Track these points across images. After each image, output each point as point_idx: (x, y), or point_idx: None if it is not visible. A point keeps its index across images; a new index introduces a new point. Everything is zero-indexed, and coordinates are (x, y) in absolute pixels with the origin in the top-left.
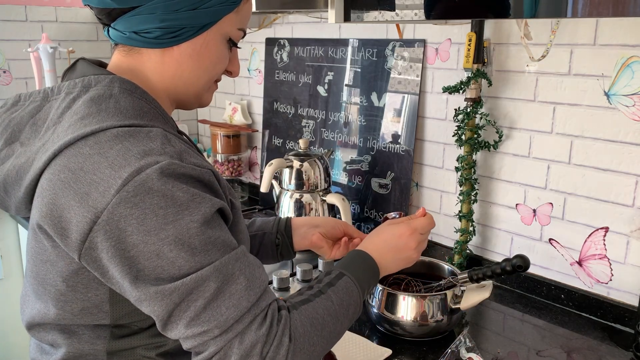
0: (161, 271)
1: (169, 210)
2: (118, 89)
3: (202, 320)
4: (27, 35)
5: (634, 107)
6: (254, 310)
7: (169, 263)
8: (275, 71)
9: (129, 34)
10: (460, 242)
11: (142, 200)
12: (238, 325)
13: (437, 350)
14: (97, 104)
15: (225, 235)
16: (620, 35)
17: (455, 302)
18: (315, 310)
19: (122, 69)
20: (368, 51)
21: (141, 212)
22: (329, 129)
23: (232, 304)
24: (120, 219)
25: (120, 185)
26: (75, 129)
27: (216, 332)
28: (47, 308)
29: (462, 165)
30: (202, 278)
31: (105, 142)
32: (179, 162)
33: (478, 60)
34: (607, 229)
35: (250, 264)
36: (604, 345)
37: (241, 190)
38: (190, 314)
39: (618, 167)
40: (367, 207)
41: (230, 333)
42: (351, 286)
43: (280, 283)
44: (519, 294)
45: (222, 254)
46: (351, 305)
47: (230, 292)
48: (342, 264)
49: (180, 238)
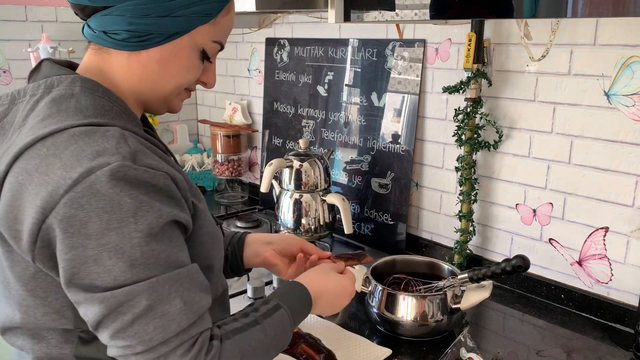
0: (96, 277)
1: (113, 216)
2: (79, 88)
3: (128, 334)
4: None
5: (634, 107)
6: (183, 335)
7: (105, 271)
8: (275, 71)
9: (99, 33)
10: (460, 242)
11: (88, 203)
12: (162, 348)
13: (437, 350)
14: (57, 105)
15: (171, 251)
16: (620, 35)
17: (455, 302)
18: (248, 341)
19: (90, 67)
20: (368, 51)
21: (85, 215)
22: (329, 129)
23: (161, 325)
24: (64, 219)
25: (69, 187)
26: (35, 131)
27: (139, 348)
28: (13, 313)
29: (462, 165)
30: (134, 293)
31: (61, 143)
32: (131, 164)
33: (478, 60)
34: (607, 229)
35: (192, 287)
36: (604, 345)
37: (241, 190)
38: (116, 325)
39: (618, 167)
40: (367, 207)
41: (152, 353)
42: (286, 320)
43: (280, 283)
44: (519, 294)
45: (162, 271)
46: (282, 339)
47: (161, 312)
48: (281, 295)
49: (121, 247)
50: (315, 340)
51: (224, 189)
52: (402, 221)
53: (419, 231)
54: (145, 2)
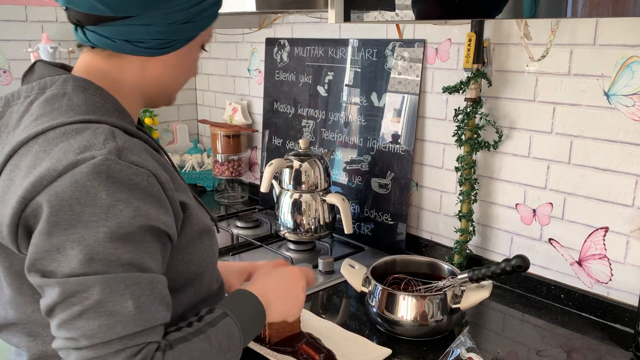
0: (57, 266)
1: (86, 208)
2: (71, 87)
3: (73, 327)
4: (28, 35)
5: (634, 107)
6: (126, 340)
7: (65, 260)
8: (275, 71)
9: (120, 42)
10: (460, 242)
11: (64, 193)
12: (103, 348)
13: (437, 350)
14: (50, 104)
15: (137, 255)
16: (620, 35)
17: (455, 302)
18: (191, 351)
19: (94, 70)
20: (368, 51)
21: (58, 203)
22: (329, 129)
23: (106, 324)
24: (39, 206)
25: (53, 178)
26: (28, 130)
27: (81, 343)
28: (6, 311)
29: (462, 165)
30: (87, 284)
31: (52, 140)
32: (115, 159)
33: (478, 60)
34: (607, 229)
35: (150, 295)
36: (604, 345)
37: (241, 190)
38: (64, 316)
39: (618, 167)
40: (367, 207)
41: (92, 352)
42: (233, 329)
43: None
44: (519, 294)
45: (122, 271)
46: (230, 349)
47: (110, 311)
48: (226, 303)
49: (85, 239)
50: (315, 340)
51: (224, 189)
52: (402, 221)
53: (419, 231)
54: (170, 10)
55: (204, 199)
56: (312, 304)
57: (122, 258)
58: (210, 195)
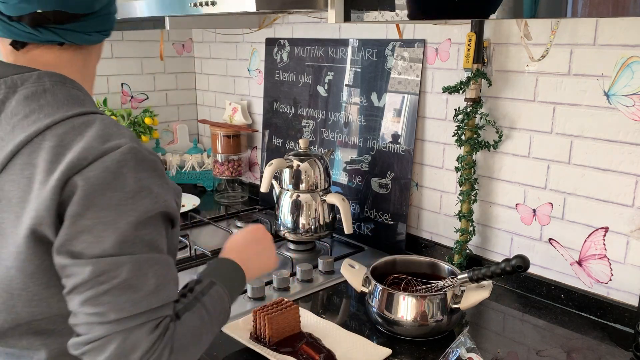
0: (86, 247)
1: (116, 193)
2: (49, 83)
3: (99, 302)
4: None
5: (634, 107)
6: (149, 314)
7: (97, 241)
8: (275, 71)
9: (102, 33)
10: (460, 242)
11: (96, 178)
12: (129, 322)
13: (437, 350)
14: (35, 101)
15: (157, 238)
16: (620, 35)
17: (455, 302)
18: (193, 320)
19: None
20: (368, 51)
21: (90, 187)
22: (329, 129)
23: (132, 300)
24: (74, 188)
25: (83, 166)
26: (25, 128)
27: (108, 317)
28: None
29: (462, 165)
30: (117, 264)
31: (64, 134)
32: (138, 147)
33: (478, 60)
34: (607, 229)
35: (167, 275)
36: (604, 345)
37: (241, 190)
38: (91, 293)
39: (618, 167)
40: (367, 207)
41: (117, 325)
42: (222, 294)
43: (280, 283)
44: (519, 294)
45: (146, 251)
46: (222, 312)
47: (136, 288)
48: (209, 272)
49: (117, 223)
50: (315, 340)
51: (224, 189)
52: (402, 221)
53: (419, 231)
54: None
55: (204, 199)
56: (312, 304)
57: (145, 240)
58: (210, 195)
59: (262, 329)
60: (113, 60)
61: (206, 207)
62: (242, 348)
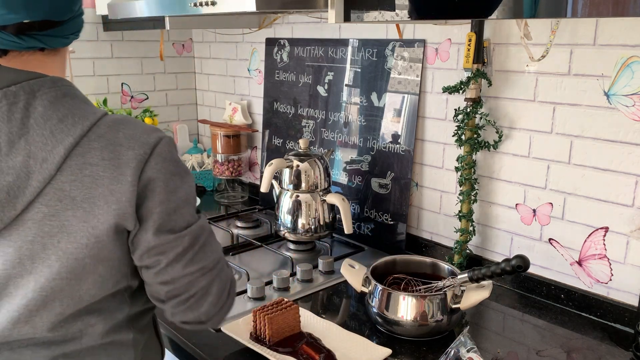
0: (175, 224)
1: (179, 175)
2: (65, 87)
3: (197, 259)
4: None
5: (634, 107)
6: (223, 255)
7: (181, 217)
8: (275, 71)
9: (75, 34)
10: (460, 242)
11: (161, 167)
12: (219, 265)
13: (437, 350)
14: (61, 105)
15: None
16: (620, 35)
17: (455, 302)
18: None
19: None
20: (368, 51)
21: (164, 176)
22: (329, 129)
23: (215, 249)
24: (148, 181)
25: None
26: (67, 132)
27: (209, 266)
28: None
29: (462, 165)
30: (200, 227)
31: (106, 135)
32: (169, 136)
33: (478, 60)
34: (607, 229)
35: None
36: (604, 345)
37: (241, 190)
38: (189, 256)
39: (618, 167)
40: (367, 207)
41: (214, 270)
42: None
43: (280, 283)
44: (519, 294)
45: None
46: None
47: (212, 240)
48: None
49: (188, 198)
50: (315, 340)
51: (224, 189)
52: (402, 221)
53: (419, 231)
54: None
55: (204, 198)
56: (312, 304)
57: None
58: (210, 195)
59: (262, 329)
60: (113, 60)
61: (206, 207)
62: (242, 348)
